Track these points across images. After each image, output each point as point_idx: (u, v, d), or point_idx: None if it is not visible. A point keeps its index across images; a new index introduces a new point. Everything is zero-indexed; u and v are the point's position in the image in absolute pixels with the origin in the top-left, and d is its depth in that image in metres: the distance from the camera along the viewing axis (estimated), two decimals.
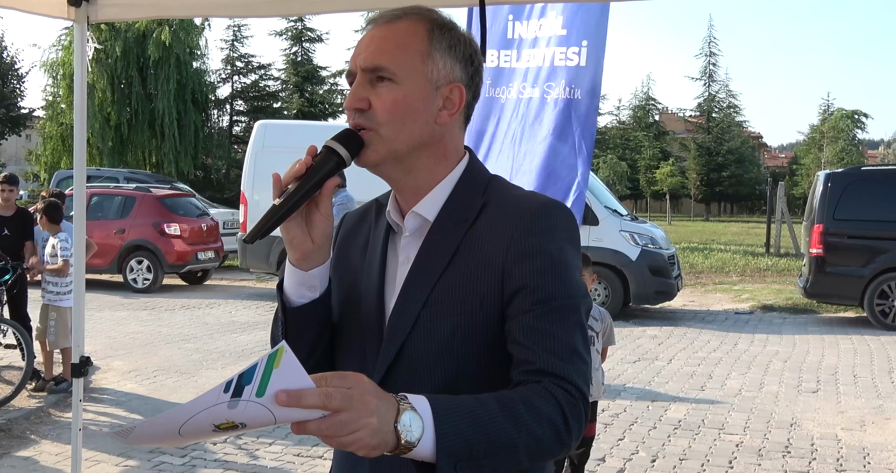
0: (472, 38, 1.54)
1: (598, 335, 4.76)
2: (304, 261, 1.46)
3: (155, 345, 9.80)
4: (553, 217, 1.46)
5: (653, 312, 13.09)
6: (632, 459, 5.92)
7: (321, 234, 1.45)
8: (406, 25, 1.47)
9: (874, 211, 11.85)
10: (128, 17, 3.81)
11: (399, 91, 1.44)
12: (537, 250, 1.42)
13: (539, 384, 1.34)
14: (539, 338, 1.37)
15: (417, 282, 1.47)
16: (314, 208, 1.44)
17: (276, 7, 3.38)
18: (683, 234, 32.46)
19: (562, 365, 1.36)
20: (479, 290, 1.43)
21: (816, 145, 56.06)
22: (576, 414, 1.33)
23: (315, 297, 1.49)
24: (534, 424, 1.28)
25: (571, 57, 4.05)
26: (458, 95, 1.49)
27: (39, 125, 33.78)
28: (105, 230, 14.35)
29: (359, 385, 1.15)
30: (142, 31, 30.61)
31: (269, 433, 6.36)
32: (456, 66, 1.49)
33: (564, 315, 1.40)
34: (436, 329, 1.43)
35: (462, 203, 1.50)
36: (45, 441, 6.20)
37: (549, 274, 1.41)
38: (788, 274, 17.85)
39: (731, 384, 8.27)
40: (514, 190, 1.55)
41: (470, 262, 1.45)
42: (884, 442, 6.41)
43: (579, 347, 1.40)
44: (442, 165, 1.52)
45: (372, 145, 1.45)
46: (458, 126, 1.53)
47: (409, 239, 1.53)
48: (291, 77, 41.54)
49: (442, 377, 1.43)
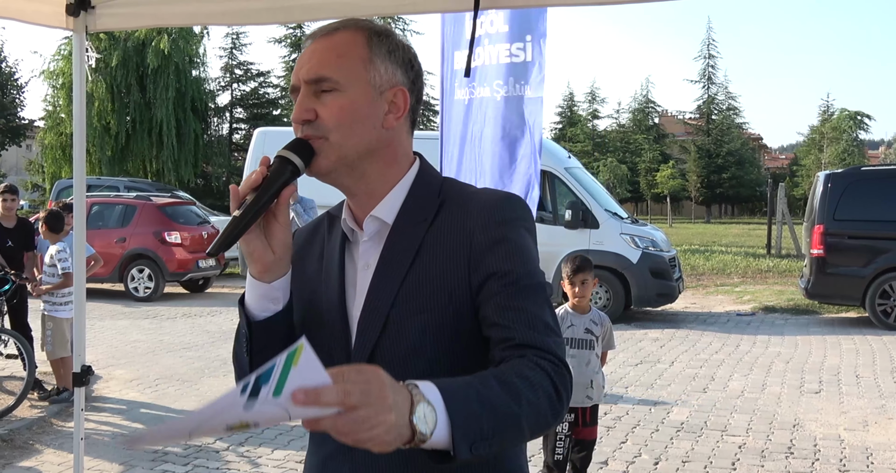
0: (409, 44, 1.57)
1: (598, 340, 4.75)
2: (265, 273, 1.46)
3: (156, 354, 9.80)
4: (511, 208, 1.51)
5: (654, 314, 13.08)
6: (634, 462, 5.92)
7: (281, 244, 1.45)
8: (344, 35, 1.50)
9: (874, 211, 11.85)
10: (127, 26, 3.81)
11: (344, 98, 1.46)
12: (501, 238, 1.46)
13: (523, 357, 1.37)
14: (514, 315, 1.41)
15: (383, 283, 1.48)
16: (272, 219, 1.45)
17: (275, 14, 3.39)
18: (684, 236, 32.47)
19: (540, 338, 1.40)
20: (446, 284, 1.45)
21: (816, 146, 56.07)
22: (563, 383, 1.37)
23: (278, 309, 1.49)
24: (531, 394, 1.30)
25: (517, 53, 4.07)
26: (402, 98, 1.51)
27: (40, 135, 33.82)
28: (106, 239, 14.36)
29: (376, 380, 1.13)
30: (141, 39, 30.70)
31: (272, 440, 6.36)
32: (397, 70, 1.51)
33: (533, 293, 1.45)
34: (407, 328, 1.45)
35: (419, 204, 1.52)
36: (48, 450, 6.20)
37: (514, 258, 1.45)
38: (790, 275, 17.85)
39: (733, 385, 8.26)
40: (468, 188, 1.59)
41: (434, 258, 1.47)
42: (887, 442, 6.40)
43: (551, 322, 1.45)
44: (393, 170, 1.54)
45: (322, 153, 1.46)
46: (405, 130, 1.55)
47: (368, 244, 1.54)
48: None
49: (421, 374, 1.40)
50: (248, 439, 6.38)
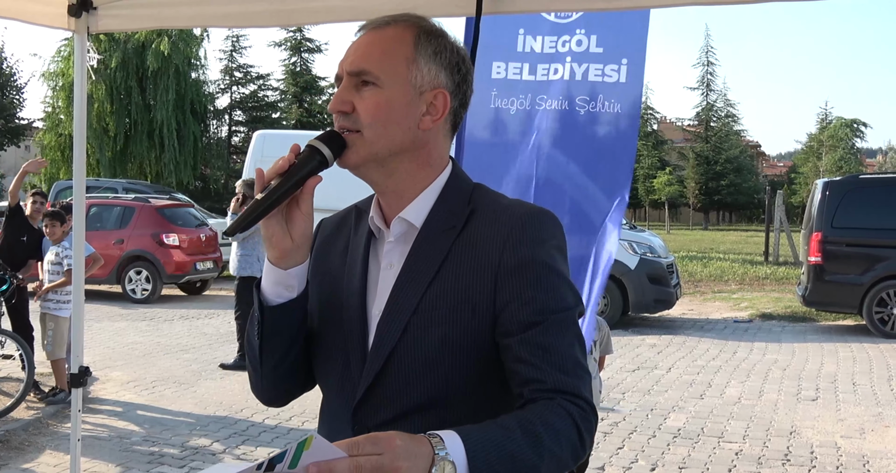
0: (461, 47, 1.54)
1: (596, 344, 4.76)
2: (282, 259, 1.46)
3: (154, 356, 9.79)
4: (543, 226, 1.47)
5: (652, 320, 13.08)
6: (631, 468, 5.91)
7: (301, 233, 1.45)
8: (394, 31, 1.49)
9: (872, 219, 11.87)
10: (128, 28, 3.82)
11: (382, 95, 1.45)
12: (529, 259, 1.43)
13: (552, 400, 1.37)
14: (545, 355, 1.40)
15: (406, 289, 1.47)
16: (295, 206, 1.45)
17: (276, 17, 3.40)
18: (682, 243, 32.47)
19: (572, 382, 1.40)
20: (471, 299, 1.43)
21: (815, 154, 56.12)
22: (588, 428, 1.39)
23: (292, 297, 1.49)
24: (554, 446, 1.33)
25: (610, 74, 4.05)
26: (442, 101, 1.49)
27: (38, 136, 33.79)
28: (104, 241, 14.33)
29: (390, 452, 1.16)
30: (141, 41, 30.71)
31: (269, 443, 6.35)
32: (441, 72, 1.49)
33: (564, 328, 1.43)
34: (426, 338, 1.43)
35: (449, 210, 1.51)
36: (44, 451, 6.19)
37: (543, 285, 1.43)
38: (787, 282, 17.86)
39: (730, 392, 8.27)
40: (500, 198, 1.56)
41: (460, 270, 1.45)
42: (883, 450, 6.40)
43: (581, 358, 1.44)
44: (425, 171, 1.52)
45: (353, 147, 1.45)
46: (442, 133, 1.53)
47: (392, 245, 1.52)
48: (290, 87, 41.67)
49: (432, 386, 1.43)
50: (245, 441, 6.37)
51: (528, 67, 4.18)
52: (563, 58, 4.13)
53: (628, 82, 4.05)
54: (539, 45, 4.17)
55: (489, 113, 4.28)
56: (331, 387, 1.57)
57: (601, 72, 4.07)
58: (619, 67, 4.05)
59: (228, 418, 7.05)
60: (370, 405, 1.46)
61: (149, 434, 6.57)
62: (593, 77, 4.09)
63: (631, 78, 4.04)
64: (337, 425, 1.51)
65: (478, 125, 4.25)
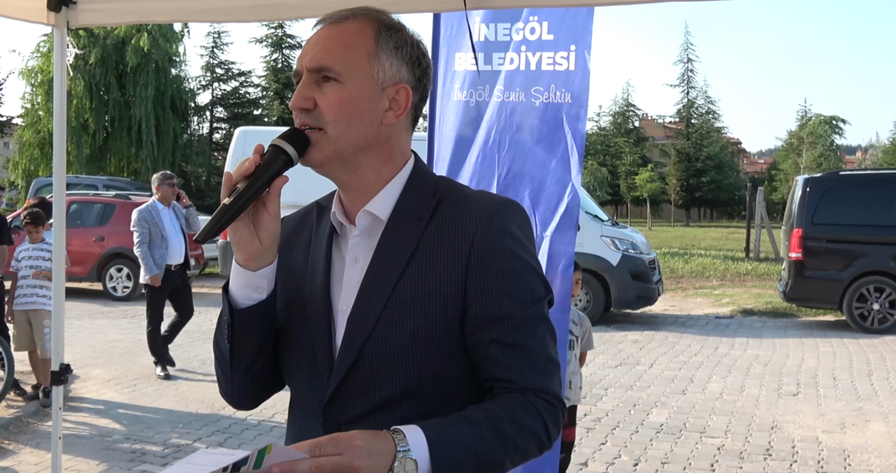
0: (420, 41, 1.53)
1: (577, 340, 4.76)
2: (251, 261, 1.44)
3: (135, 353, 9.72)
4: (510, 216, 1.48)
5: (634, 317, 13.13)
6: (614, 463, 5.93)
7: (269, 234, 1.44)
8: (353, 26, 1.47)
9: (852, 215, 11.95)
10: (108, 22, 3.78)
11: (344, 91, 1.43)
12: (498, 250, 1.44)
13: (523, 396, 1.41)
14: (516, 354, 1.43)
15: (376, 282, 1.46)
16: (262, 208, 1.43)
17: (259, 12, 3.38)
18: (664, 239, 32.62)
19: (542, 380, 1.43)
20: (442, 291, 1.43)
21: (795, 151, 56.51)
22: (555, 421, 1.44)
23: (262, 298, 1.47)
24: (520, 440, 1.37)
25: (560, 61, 4.07)
26: (404, 96, 1.49)
27: (17, 133, 33.47)
28: (84, 238, 14.24)
29: (350, 451, 1.21)
30: (120, 37, 30.46)
31: (251, 440, 6.33)
32: (402, 67, 1.49)
33: (535, 324, 1.45)
34: (397, 331, 1.43)
35: (415, 202, 1.50)
36: (24, 450, 6.13)
37: (513, 276, 1.44)
38: (768, 278, 17.97)
39: (712, 387, 8.31)
40: (465, 189, 1.57)
41: (430, 262, 1.45)
42: (864, 444, 6.45)
43: (552, 353, 1.47)
44: (388, 166, 1.51)
45: (318, 144, 1.44)
46: (404, 128, 1.53)
47: (358, 239, 1.52)
48: (272, 84, 41.51)
49: (404, 378, 1.43)
50: (228, 439, 6.34)
51: (484, 57, 4.18)
52: (518, 47, 4.14)
53: (577, 69, 4.08)
54: (493, 33, 4.18)
55: (455, 106, 4.29)
56: (299, 385, 1.56)
57: (552, 60, 4.09)
58: (567, 54, 4.08)
59: (210, 415, 7.01)
60: (341, 401, 1.46)
61: (130, 432, 6.52)
62: (546, 66, 4.11)
63: (579, 64, 4.07)
64: (308, 422, 1.50)
65: (447, 118, 4.26)
